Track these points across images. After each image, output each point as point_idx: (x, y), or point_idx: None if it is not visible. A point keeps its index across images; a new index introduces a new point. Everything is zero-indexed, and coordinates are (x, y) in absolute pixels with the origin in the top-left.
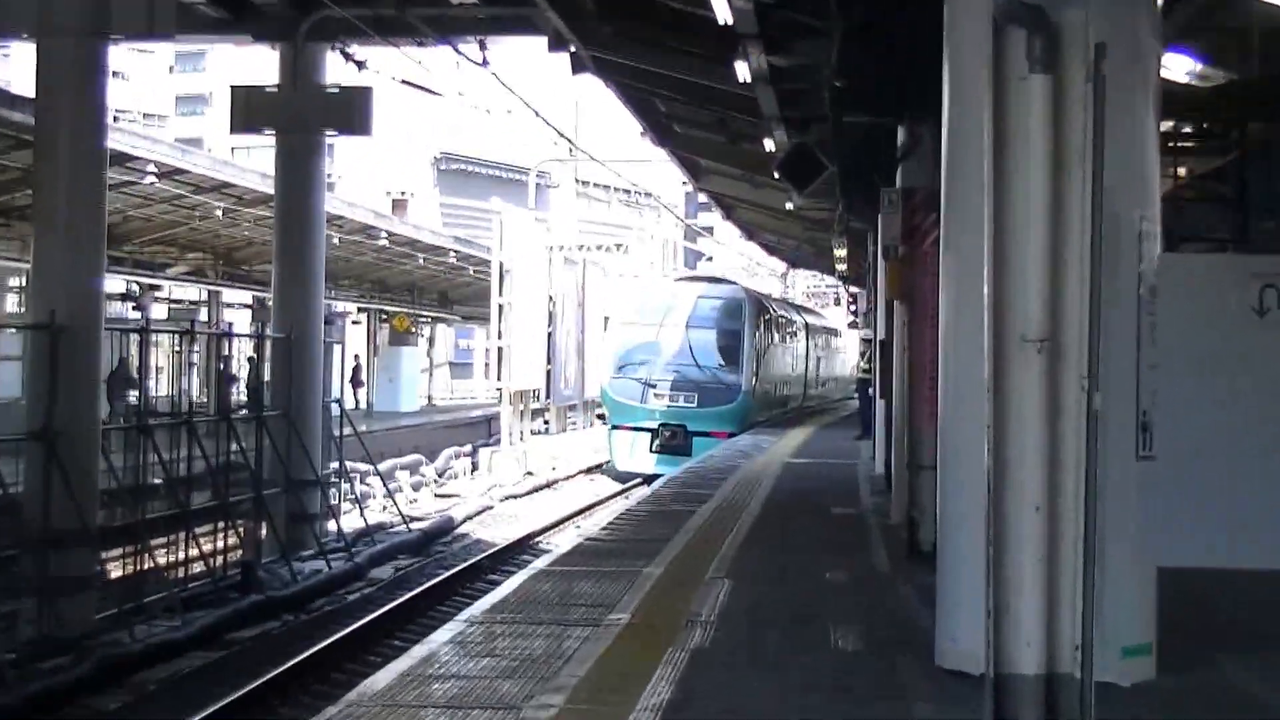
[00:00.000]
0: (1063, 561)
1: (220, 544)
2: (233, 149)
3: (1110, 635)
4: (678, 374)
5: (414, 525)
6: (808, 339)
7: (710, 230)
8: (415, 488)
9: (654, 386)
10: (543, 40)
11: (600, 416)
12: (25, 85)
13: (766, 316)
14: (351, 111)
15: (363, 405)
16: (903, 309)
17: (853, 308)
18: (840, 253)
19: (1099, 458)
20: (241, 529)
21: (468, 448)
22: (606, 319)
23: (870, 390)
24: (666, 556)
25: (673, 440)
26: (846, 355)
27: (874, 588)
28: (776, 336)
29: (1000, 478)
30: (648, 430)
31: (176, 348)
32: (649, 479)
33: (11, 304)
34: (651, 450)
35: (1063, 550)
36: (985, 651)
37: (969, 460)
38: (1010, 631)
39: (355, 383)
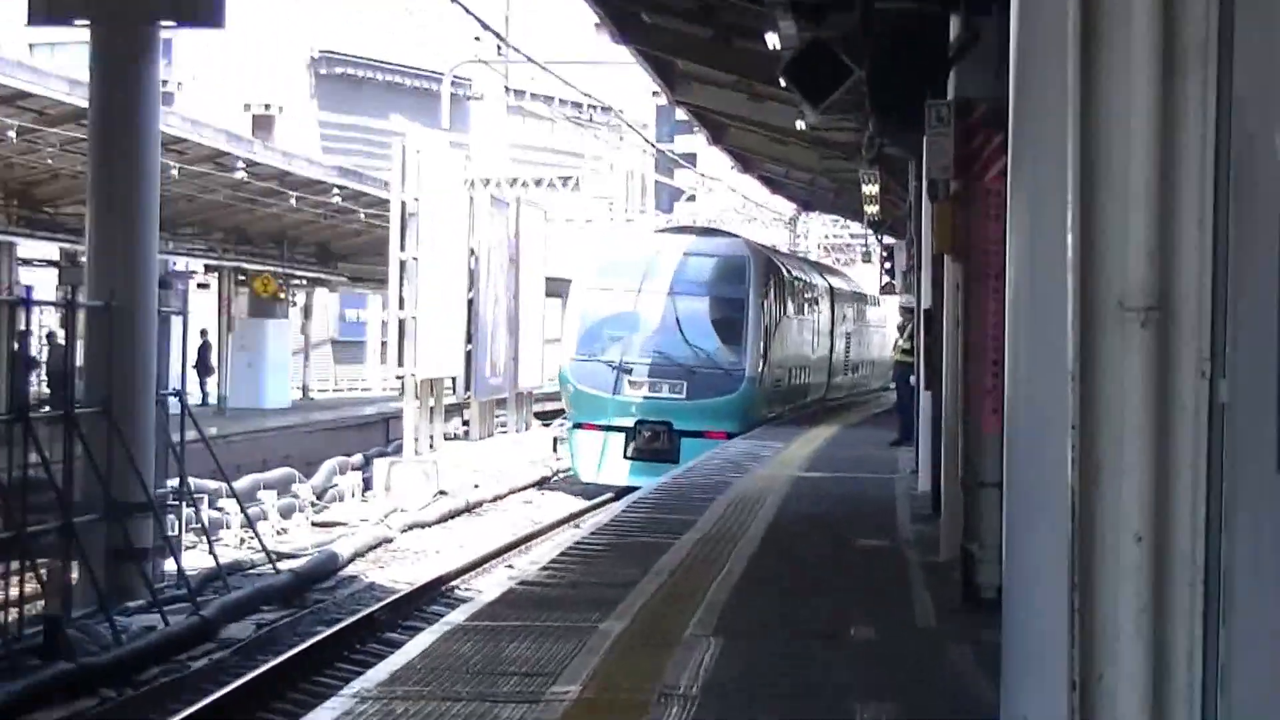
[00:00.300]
0: (1174, 612)
1: (14, 592)
2: (30, 46)
3: (1240, 715)
4: (660, 355)
5: (283, 565)
6: (833, 309)
7: (692, 159)
8: (285, 513)
9: (629, 372)
10: None
11: (548, 415)
12: None
13: (778, 279)
14: None
15: (213, 400)
16: (956, 267)
17: (887, 265)
18: (870, 190)
19: (1225, 469)
20: (44, 571)
21: (357, 459)
22: (557, 283)
23: (912, 378)
24: (632, 606)
25: (653, 443)
26: (887, 331)
27: (915, 650)
28: (791, 306)
29: (1089, 497)
30: (620, 429)
31: None
32: (622, 493)
33: None
34: (626, 456)
35: (1174, 597)
36: None
37: (1046, 474)
38: (1102, 709)
39: (203, 369)
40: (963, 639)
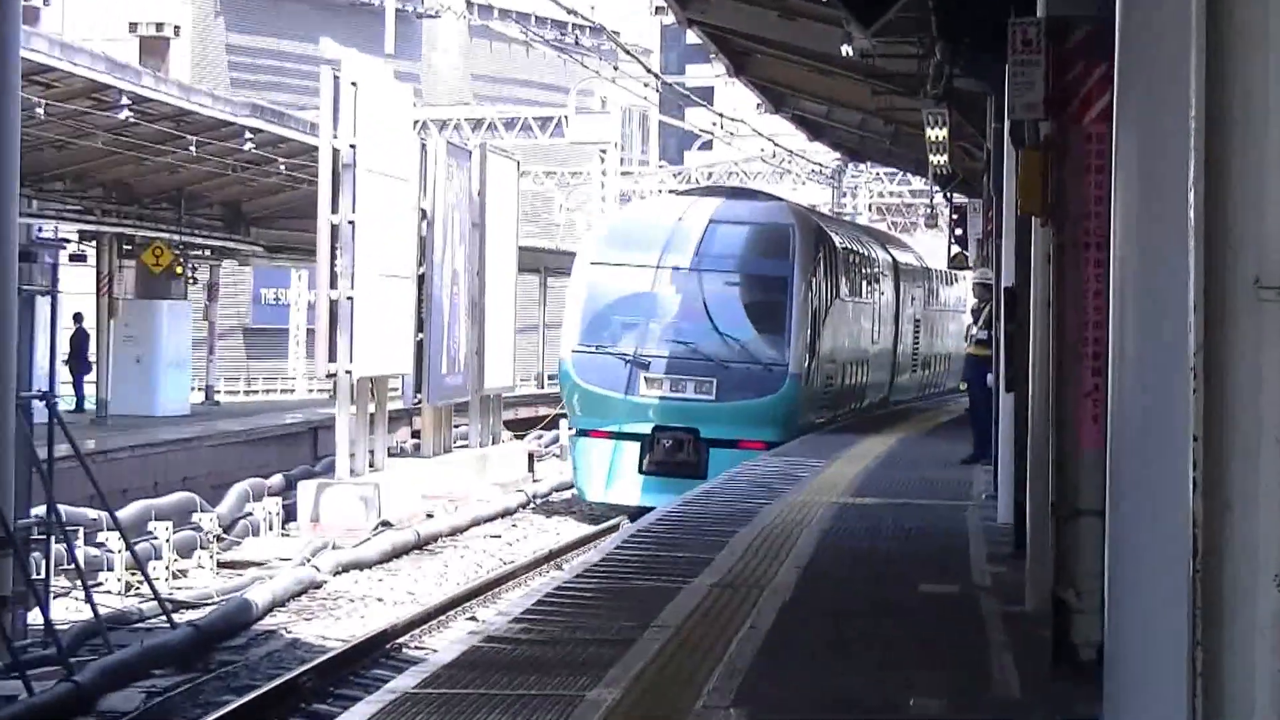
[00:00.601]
0: None
1: None
2: None
3: None
4: (685, 347)
5: (180, 616)
6: (898, 289)
7: (707, 96)
8: (184, 550)
9: (646, 367)
10: None
11: (523, 424)
12: None
13: (829, 252)
14: None
15: (91, 404)
16: (1046, 233)
17: (958, 232)
18: (936, 135)
19: None
20: None
21: (277, 480)
22: (535, 255)
23: (990, 377)
24: (628, 670)
25: (675, 454)
26: (966, 318)
27: None
28: (845, 285)
29: (1216, 529)
30: (635, 437)
31: None
32: (636, 517)
33: None
34: (641, 470)
35: None
36: None
37: (1161, 499)
38: None
39: (78, 364)
40: (1055, 713)
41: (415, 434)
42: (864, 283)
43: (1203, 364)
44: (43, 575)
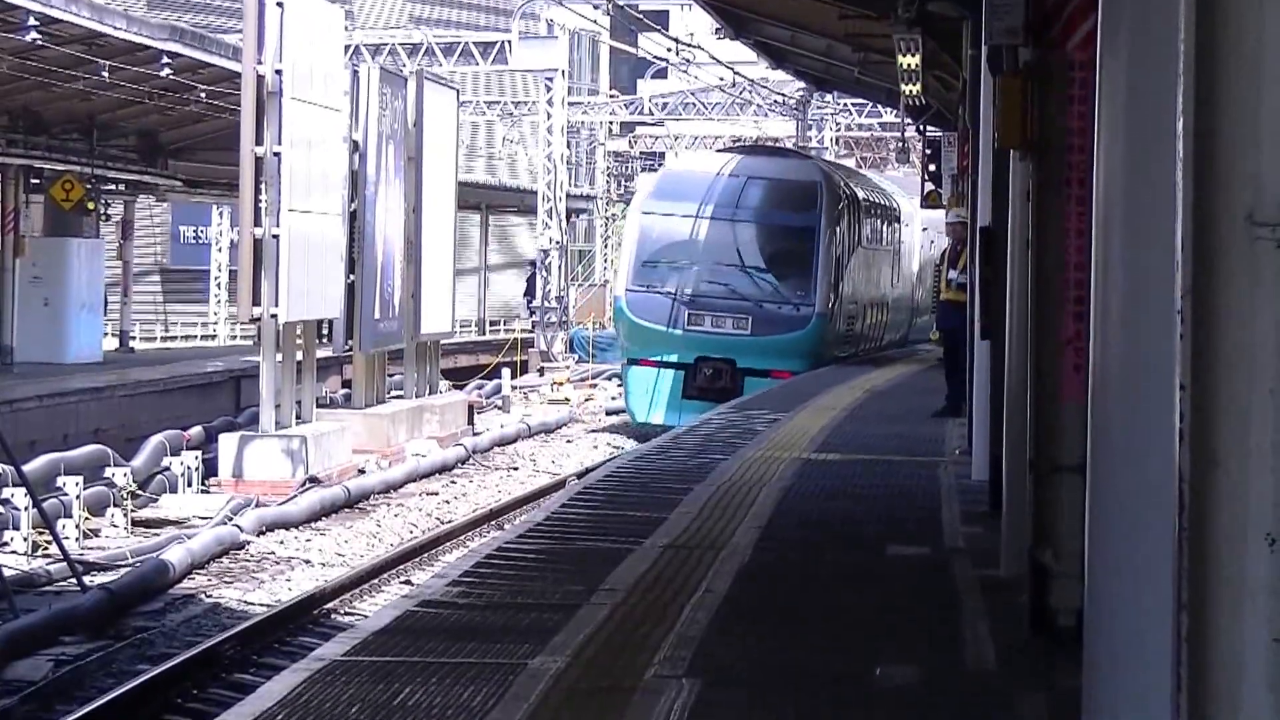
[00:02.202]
0: None
1: None
2: None
3: None
4: (724, 287)
5: (92, 579)
6: (915, 237)
7: (662, 20)
8: (96, 508)
9: (690, 304)
10: None
11: (462, 373)
12: None
13: (853, 204)
14: None
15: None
16: (1026, 168)
17: (931, 168)
18: (908, 62)
19: None
20: None
21: (196, 433)
22: (478, 191)
23: (959, 324)
24: (574, 637)
25: (715, 381)
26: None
27: (967, 700)
28: (867, 234)
29: (1205, 485)
30: (679, 366)
31: None
32: None
33: None
34: (685, 395)
35: None
36: None
37: (1146, 455)
38: None
39: None
40: (1031, 685)
41: (346, 383)
42: (884, 231)
43: (1191, 308)
44: None
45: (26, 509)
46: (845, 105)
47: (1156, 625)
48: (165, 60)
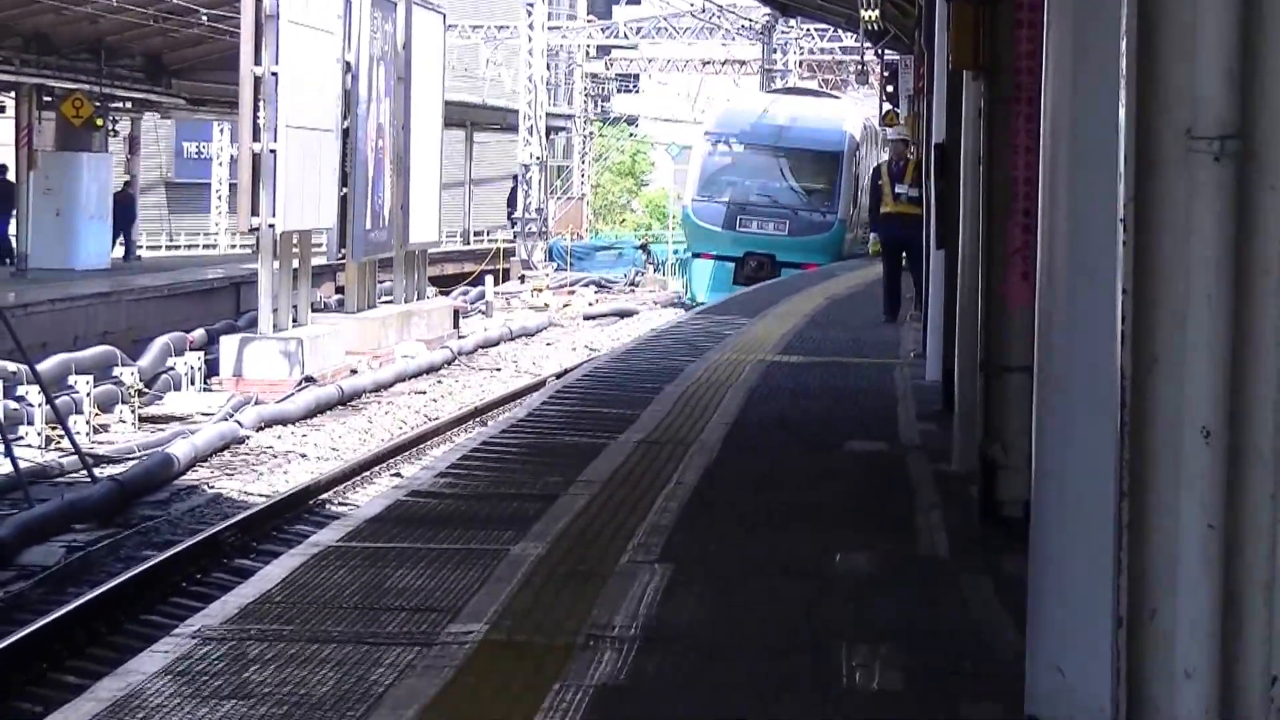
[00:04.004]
0: (1249, 531)
1: None
2: None
3: None
4: (768, 199)
5: (101, 471)
6: None
7: None
8: (105, 405)
9: (740, 211)
10: None
11: (448, 280)
12: None
13: (870, 134)
14: None
15: (7, 258)
16: (977, 88)
17: (889, 89)
18: None
19: None
20: None
21: (199, 335)
22: (462, 110)
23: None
24: (553, 525)
25: (759, 271)
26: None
27: (920, 583)
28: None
29: (1144, 384)
30: (731, 259)
31: None
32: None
33: None
34: (736, 282)
35: (1250, 512)
36: (1114, 689)
37: (1090, 354)
38: (1157, 654)
39: (5, 212)
40: (980, 570)
41: (339, 290)
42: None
43: (1133, 216)
44: None
45: (40, 406)
46: (808, 30)
47: (1098, 514)
48: None
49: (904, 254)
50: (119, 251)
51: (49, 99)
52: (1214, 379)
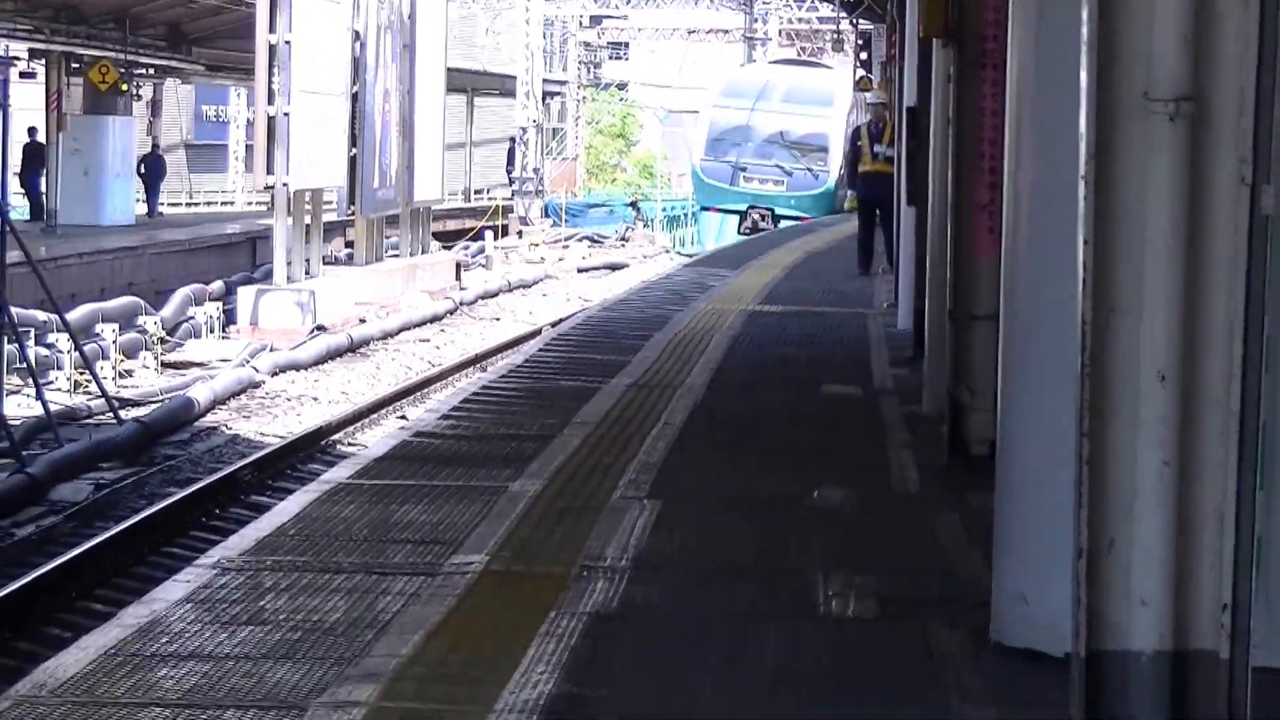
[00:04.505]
0: (1202, 468)
1: None
2: None
3: (1278, 593)
4: (768, 159)
5: (126, 413)
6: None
7: None
8: (130, 351)
9: (744, 170)
10: None
11: (449, 236)
12: None
13: (857, 101)
14: None
15: (39, 214)
16: (946, 54)
17: (863, 56)
18: None
19: (1268, 295)
20: None
21: (217, 286)
22: (463, 76)
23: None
24: (549, 463)
25: (760, 223)
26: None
27: (892, 517)
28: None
29: (1104, 329)
30: (735, 212)
31: None
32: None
33: None
34: (739, 232)
35: (1203, 449)
36: (1075, 616)
37: (1052, 303)
38: (1115, 583)
39: (30, 173)
40: (950, 506)
41: (348, 244)
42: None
43: (1094, 173)
44: None
45: (69, 352)
46: (788, 1)
47: (1060, 452)
48: None
49: (879, 211)
50: (142, 208)
51: (77, 66)
52: (1169, 325)
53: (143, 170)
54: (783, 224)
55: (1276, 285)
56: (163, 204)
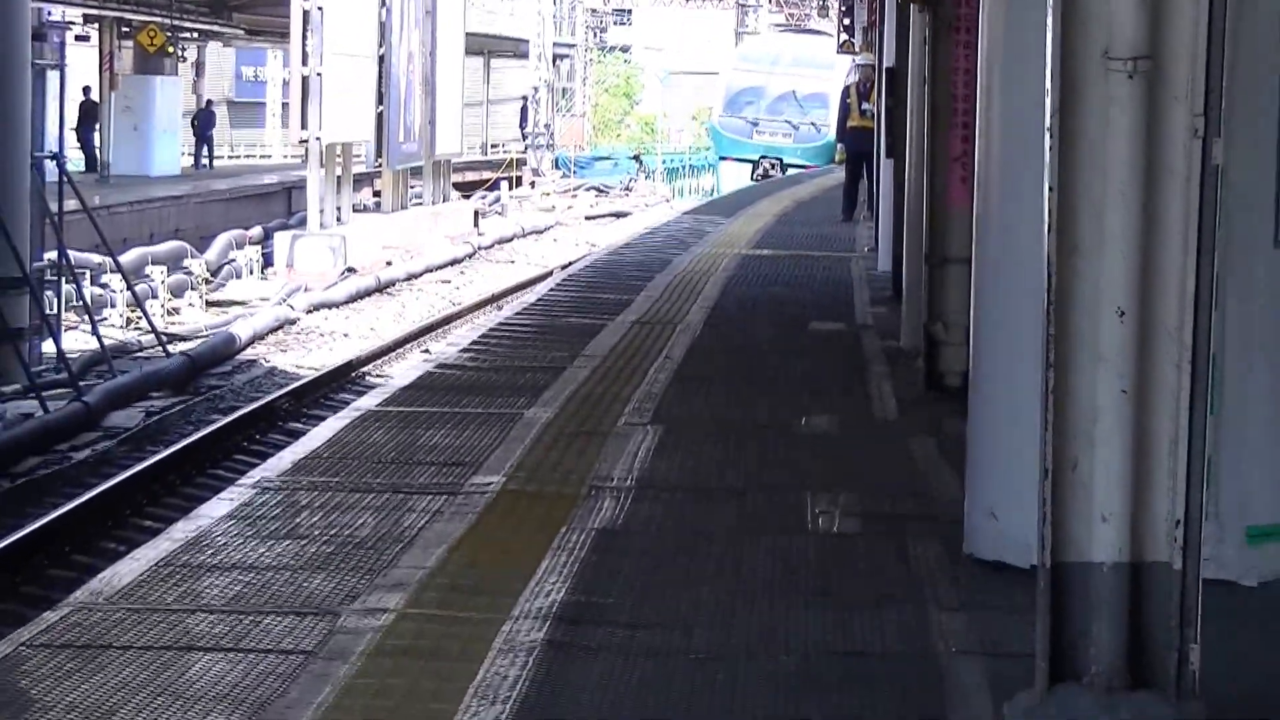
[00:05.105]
0: (1157, 395)
1: None
2: None
3: (1229, 509)
4: (778, 115)
5: (174, 348)
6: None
7: None
8: (176, 291)
9: (757, 125)
10: None
11: (468, 186)
12: None
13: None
14: None
15: (93, 166)
16: (923, 18)
17: (845, 21)
18: None
19: (1218, 240)
20: None
21: (256, 232)
22: (480, 40)
23: (866, 147)
24: (560, 392)
25: (770, 171)
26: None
27: (873, 441)
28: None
29: (1067, 269)
30: (750, 161)
31: None
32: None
33: None
34: (752, 178)
35: (1158, 379)
36: (1040, 531)
37: (1020, 246)
38: (1077, 500)
39: (85, 129)
40: (926, 431)
41: (376, 193)
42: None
43: (1058, 126)
44: (55, 311)
45: (121, 292)
46: None
47: (1027, 381)
48: None
49: (864, 163)
50: (188, 160)
51: (127, 30)
52: (1127, 265)
53: (195, 124)
54: (790, 171)
55: (1225, 231)
56: (207, 156)
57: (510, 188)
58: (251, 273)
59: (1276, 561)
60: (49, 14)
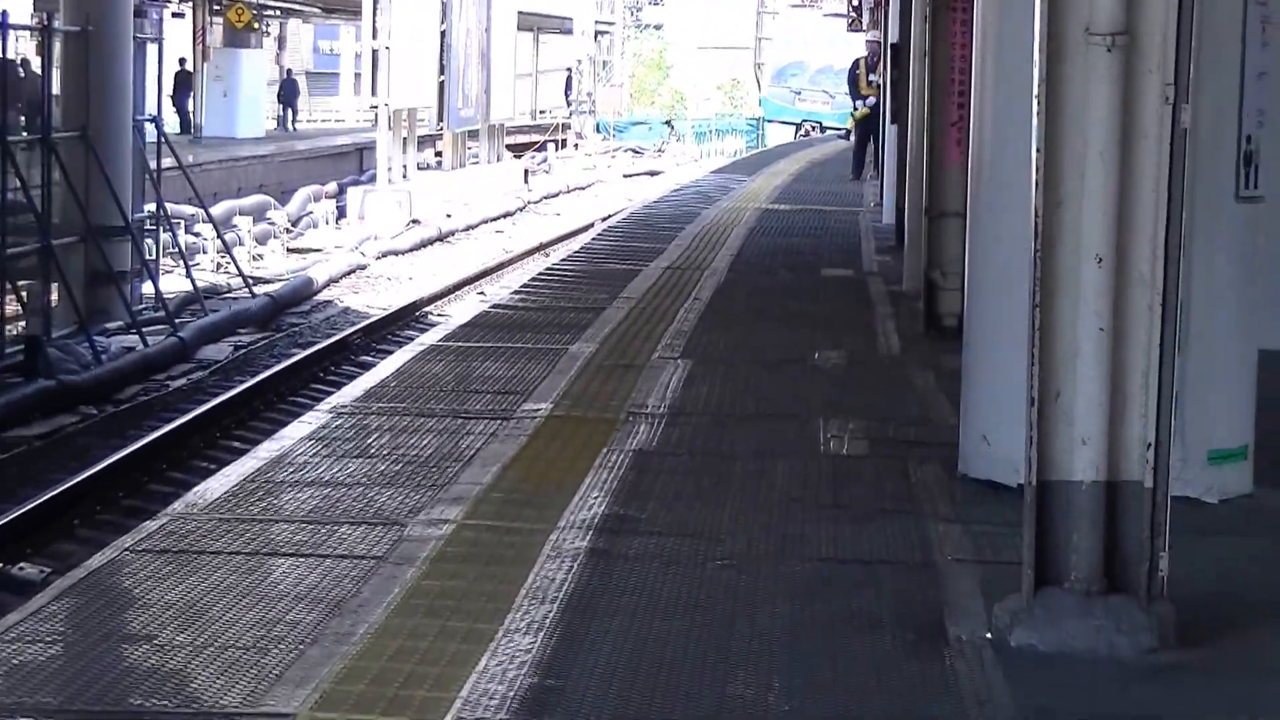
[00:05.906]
0: (1131, 333)
1: None
2: None
3: (1194, 434)
4: (818, 86)
5: (259, 289)
6: None
7: None
8: (261, 239)
9: (800, 94)
10: None
11: (519, 147)
12: None
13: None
14: None
15: (187, 129)
16: None
17: (855, 2)
18: None
19: (1185, 195)
20: (24, 293)
21: (331, 187)
22: (530, 17)
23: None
24: (600, 330)
25: (811, 132)
26: None
27: (879, 374)
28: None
29: (1052, 221)
30: (793, 124)
31: None
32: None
33: None
34: (795, 138)
35: (1132, 319)
36: (1027, 452)
37: (1009, 201)
38: (1060, 426)
39: (180, 95)
40: (926, 365)
41: (437, 153)
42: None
43: (1044, 95)
44: (153, 256)
45: (212, 239)
46: None
47: (1016, 321)
48: None
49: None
50: (270, 124)
51: (218, 7)
52: (1106, 217)
53: (281, 92)
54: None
55: (1193, 184)
56: (294, 121)
57: (556, 149)
58: (327, 223)
59: (1235, 481)
60: None
